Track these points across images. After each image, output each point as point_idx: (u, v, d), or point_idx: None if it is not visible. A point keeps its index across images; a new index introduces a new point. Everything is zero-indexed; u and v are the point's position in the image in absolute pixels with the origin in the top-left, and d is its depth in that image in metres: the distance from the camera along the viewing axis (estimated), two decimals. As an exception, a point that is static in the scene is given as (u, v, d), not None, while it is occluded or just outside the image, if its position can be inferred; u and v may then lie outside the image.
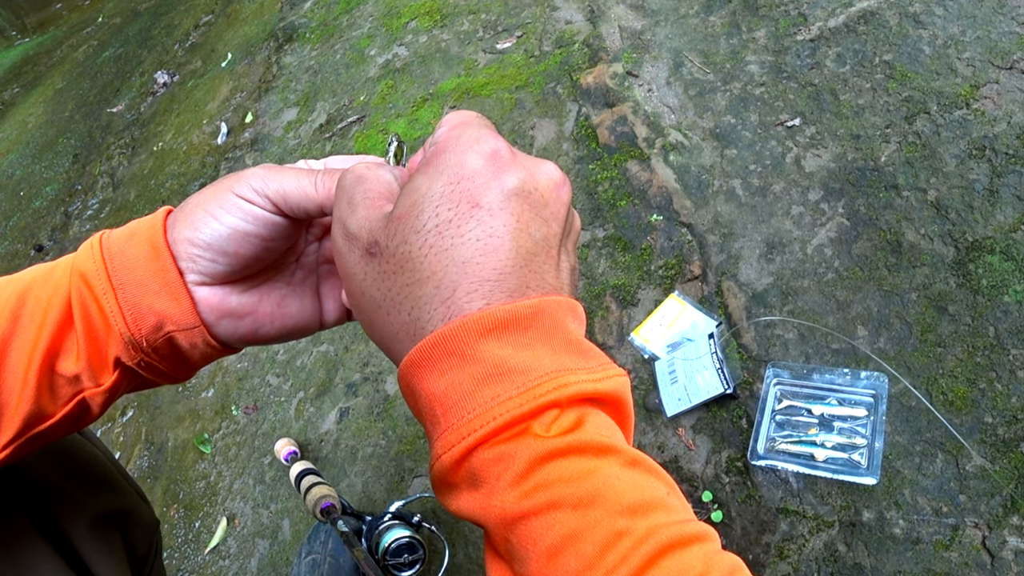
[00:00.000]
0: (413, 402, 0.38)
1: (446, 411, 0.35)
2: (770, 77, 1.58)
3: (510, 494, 0.33)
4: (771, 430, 1.16)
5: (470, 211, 0.37)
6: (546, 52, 1.98)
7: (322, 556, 1.32)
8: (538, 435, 0.34)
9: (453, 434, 0.34)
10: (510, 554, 0.34)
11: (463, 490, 0.35)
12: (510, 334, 0.35)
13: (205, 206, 0.46)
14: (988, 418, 1.08)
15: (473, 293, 0.36)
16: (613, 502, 0.33)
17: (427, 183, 0.38)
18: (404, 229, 0.37)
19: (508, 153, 0.39)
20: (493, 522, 0.34)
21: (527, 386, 0.34)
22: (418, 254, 0.37)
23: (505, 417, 0.34)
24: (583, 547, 0.32)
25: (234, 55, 3.02)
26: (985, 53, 1.40)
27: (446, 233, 0.36)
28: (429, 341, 0.35)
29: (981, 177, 1.27)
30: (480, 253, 0.36)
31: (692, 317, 1.31)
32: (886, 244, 1.27)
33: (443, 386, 0.35)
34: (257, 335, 0.52)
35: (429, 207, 0.37)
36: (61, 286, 0.47)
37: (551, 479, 0.33)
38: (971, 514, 1.02)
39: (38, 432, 0.48)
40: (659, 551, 0.32)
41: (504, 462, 0.33)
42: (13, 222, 3.13)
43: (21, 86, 4.59)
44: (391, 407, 1.55)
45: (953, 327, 1.16)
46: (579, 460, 0.34)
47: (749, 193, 1.44)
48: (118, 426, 1.99)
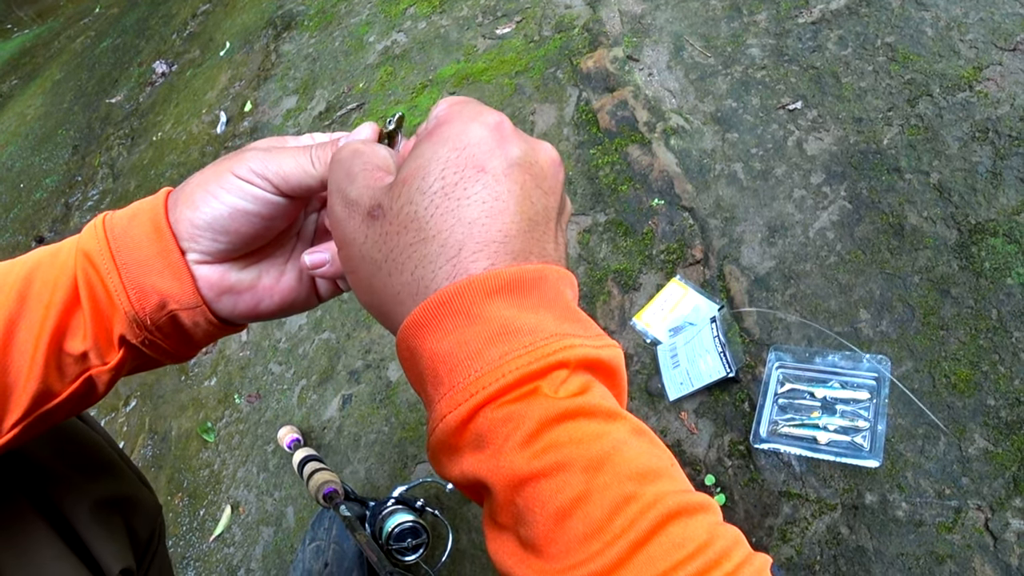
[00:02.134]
0: (413, 365, 0.37)
1: (451, 370, 0.34)
2: (771, 60, 1.57)
3: (520, 455, 0.33)
4: (773, 413, 1.16)
5: (475, 175, 0.37)
6: (546, 37, 1.97)
7: (326, 543, 1.32)
8: (548, 396, 0.33)
9: (460, 392, 0.34)
10: (515, 518, 0.34)
11: (466, 453, 0.35)
12: (515, 296, 0.35)
13: (206, 186, 0.47)
14: (991, 400, 1.07)
15: (478, 253, 0.36)
16: (622, 467, 0.33)
17: (431, 149, 0.38)
18: (409, 190, 0.37)
19: (510, 126, 0.40)
20: (500, 484, 0.33)
21: (535, 345, 0.34)
22: (424, 214, 0.36)
23: (515, 374, 0.33)
24: (591, 510, 0.32)
25: (232, 44, 3.01)
26: (988, 34, 1.39)
27: (452, 195, 0.37)
28: (434, 300, 0.35)
29: (984, 160, 1.26)
30: (486, 215, 0.36)
31: (694, 301, 1.31)
32: (888, 227, 1.27)
33: (448, 345, 0.35)
34: (257, 310, 0.52)
35: (435, 170, 0.37)
36: (67, 266, 0.48)
37: (561, 440, 0.33)
38: (974, 496, 1.02)
39: (45, 411, 0.49)
40: (665, 517, 0.32)
41: (513, 422, 0.33)
42: (14, 214, 3.13)
43: (19, 78, 4.58)
44: (393, 394, 1.55)
45: (956, 310, 1.16)
46: (589, 423, 0.34)
47: (751, 177, 1.43)
48: (122, 415, 2.00)
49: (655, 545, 0.31)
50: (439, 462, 0.37)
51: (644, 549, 0.31)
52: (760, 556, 0.33)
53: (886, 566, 1.02)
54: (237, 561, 1.55)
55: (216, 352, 1.94)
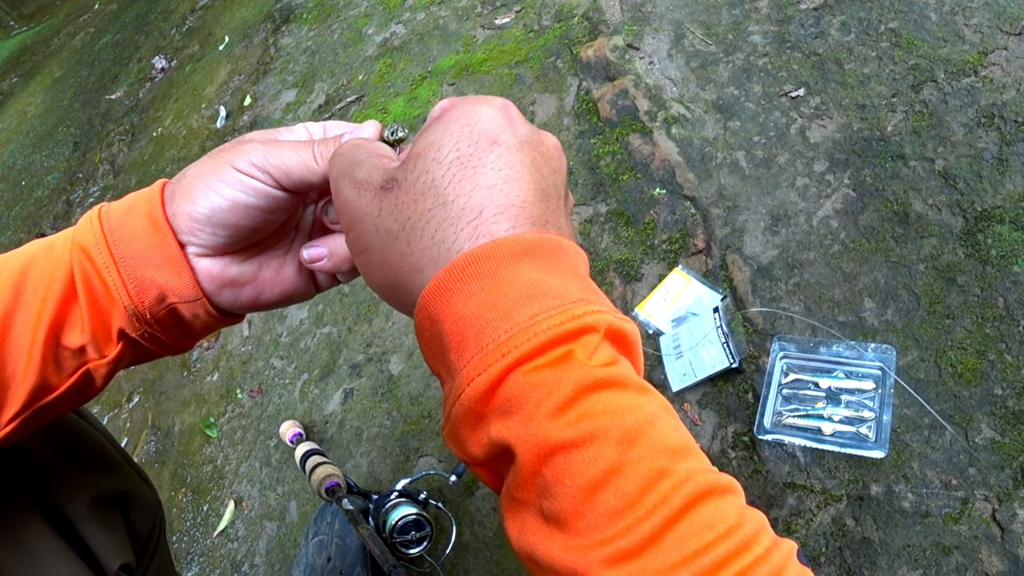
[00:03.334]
0: (433, 334, 0.36)
1: (478, 332, 0.33)
2: (773, 47, 1.55)
3: (552, 423, 0.32)
4: (778, 404, 1.15)
5: (489, 147, 0.38)
6: (545, 26, 1.95)
7: (329, 537, 1.32)
8: (582, 362, 0.32)
9: (490, 354, 0.33)
10: (540, 490, 0.32)
11: (493, 419, 0.33)
12: (540, 260, 0.35)
13: (204, 179, 0.46)
14: (998, 390, 1.06)
15: (499, 216, 0.36)
16: (655, 441, 0.32)
17: (442, 128, 0.39)
18: (424, 162, 0.37)
19: (515, 109, 0.41)
20: (529, 452, 0.32)
21: (564, 307, 0.33)
22: (441, 181, 0.37)
23: (547, 334, 0.32)
24: (624, 484, 0.31)
25: (231, 38, 2.99)
26: (993, 19, 1.37)
27: (468, 163, 0.37)
28: (458, 262, 0.34)
29: (990, 146, 1.25)
30: (503, 181, 0.37)
31: (696, 291, 1.30)
32: (893, 215, 1.25)
33: (475, 307, 0.34)
34: (258, 302, 0.53)
35: (449, 143, 0.38)
36: (62, 260, 0.48)
37: (596, 410, 0.32)
38: (981, 487, 1.01)
39: (43, 405, 0.49)
40: (697, 496, 0.31)
41: (546, 387, 0.32)
42: (15, 212, 3.13)
43: (19, 76, 4.57)
44: (395, 387, 1.55)
45: (962, 298, 1.14)
46: (623, 394, 0.33)
47: (753, 165, 1.42)
48: (124, 412, 2.00)
49: (686, 523, 0.30)
50: (460, 435, 0.35)
51: (675, 527, 0.30)
52: (786, 542, 0.33)
53: (892, 557, 1.01)
54: (241, 556, 1.55)
55: (218, 347, 1.94)
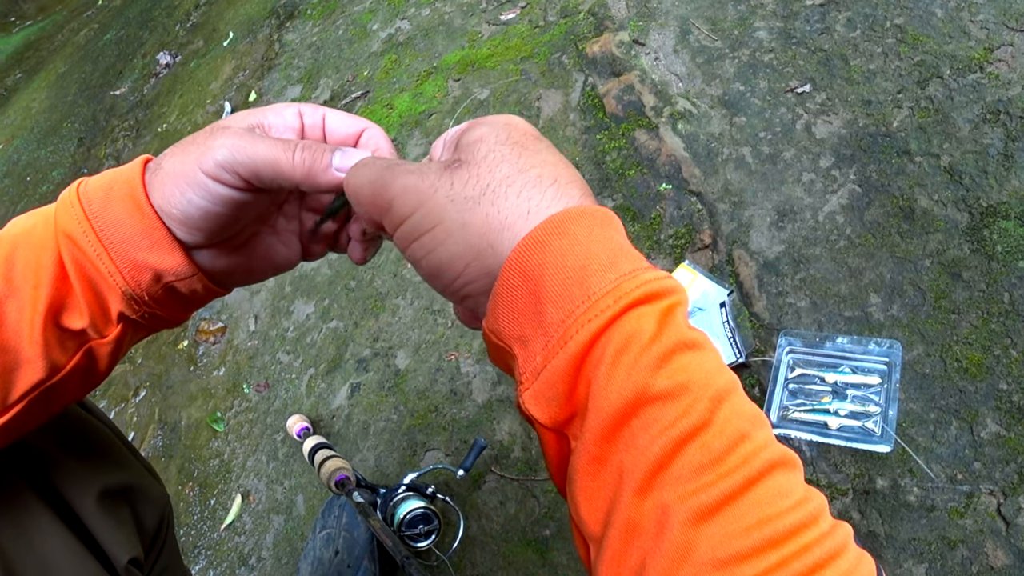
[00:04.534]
0: (524, 290, 0.36)
1: (583, 280, 0.35)
2: (779, 43, 1.55)
3: (654, 372, 0.33)
4: (784, 399, 1.15)
5: (536, 139, 0.41)
6: (551, 22, 1.95)
7: (336, 530, 1.33)
8: (682, 322, 0.35)
9: (601, 300, 0.34)
10: (625, 442, 0.33)
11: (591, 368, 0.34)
12: (616, 229, 0.38)
13: (175, 180, 0.45)
14: (1003, 385, 1.07)
15: (571, 184, 0.39)
16: (740, 405, 0.34)
17: (486, 126, 0.42)
18: (488, 143, 0.40)
19: None
20: (623, 398, 0.33)
21: (652, 267, 0.36)
22: (511, 155, 0.39)
23: (652, 286, 0.34)
24: (712, 441, 0.32)
25: (236, 34, 2.99)
26: (999, 15, 1.37)
27: (527, 146, 0.40)
28: (557, 218, 0.36)
29: (995, 142, 1.25)
30: (559, 161, 0.40)
31: (703, 286, 1.30)
32: (899, 211, 1.26)
33: (577, 259, 0.35)
34: (250, 279, 0.54)
35: (503, 132, 0.41)
36: (47, 247, 0.47)
37: (690, 365, 0.33)
38: (986, 481, 1.02)
39: (51, 385, 0.49)
40: (774, 463, 0.32)
41: (647, 335, 0.33)
42: (20, 207, 3.14)
43: (24, 72, 4.57)
44: (402, 381, 1.55)
45: (967, 294, 1.15)
46: (712, 355, 0.35)
47: (759, 161, 1.42)
48: (131, 406, 2.01)
49: (763, 488, 0.31)
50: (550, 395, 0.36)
51: (753, 490, 0.31)
52: (846, 524, 0.34)
53: (898, 551, 1.02)
54: (248, 550, 1.56)
55: (224, 342, 1.94)
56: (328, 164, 0.45)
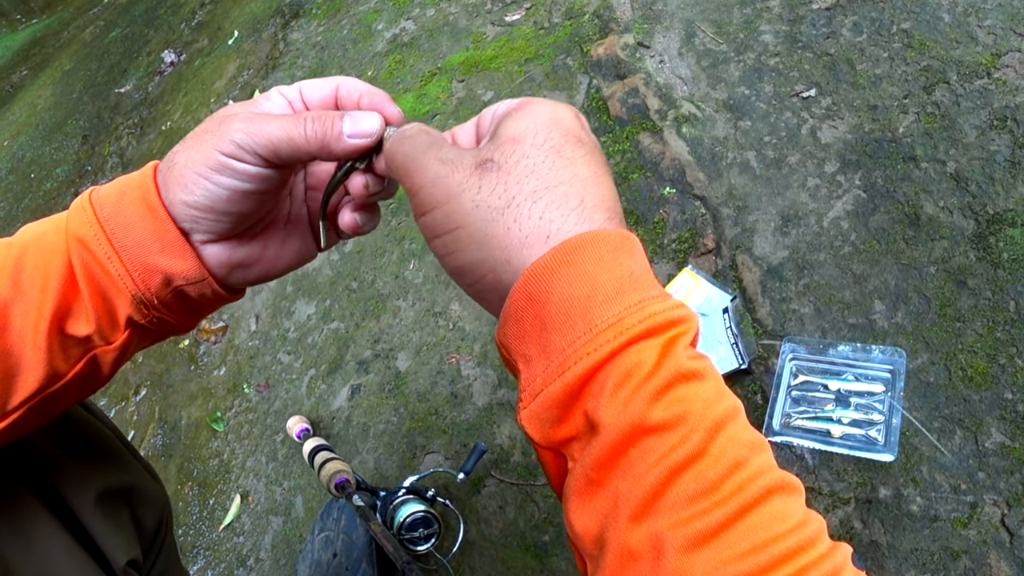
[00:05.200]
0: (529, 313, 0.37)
1: (587, 312, 0.35)
2: (785, 47, 1.54)
3: (650, 404, 0.33)
4: (787, 406, 1.15)
5: (576, 143, 0.40)
6: (555, 24, 1.95)
7: (335, 533, 1.32)
8: (681, 353, 0.35)
9: (602, 334, 0.34)
10: (621, 469, 0.34)
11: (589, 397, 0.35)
12: (634, 254, 0.37)
13: (195, 167, 0.45)
14: (1008, 394, 1.06)
15: (597, 207, 0.38)
16: (737, 433, 0.34)
17: (531, 116, 0.40)
18: (524, 146, 0.39)
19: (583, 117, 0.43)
20: (620, 429, 0.33)
21: (664, 296, 0.36)
22: (543, 166, 0.38)
23: (657, 319, 0.34)
24: (706, 470, 0.32)
25: (240, 32, 3.00)
26: (1007, 20, 1.36)
27: (564, 153, 0.39)
28: (570, 243, 0.36)
29: (1002, 148, 1.24)
30: (594, 175, 0.39)
31: (706, 291, 1.30)
32: (904, 217, 1.25)
33: (584, 289, 0.35)
34: (266, 276, 0.54)
35: (543, 131, 0.40)
36: (58, 251, 0.47)
37: (688, 396, 0.34)
38: (990, 491, 1.01)
39: (52, 392, 0.49)
40: (771, 489, 0.33)
41: (646, 368, 0.34)
42: (24, 204, 3.14)
43: (29, 68, 4.58)
44: (402, 384, 1.55)
45: (973, 301, 1.14)
46: (711, 385, 0.35)
47: (764, 165, 1.41)
48: (131, 405, 2.00)
49: (758, 514, 0.32)
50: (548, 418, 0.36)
51: (748, 516, 0.32)
52: (844, 545, 0.34)
53: (900, 561, 1.01)
54: (246, 551, 1.56)
55: (225, 342, 1.94)
56: (340, 132, 0.45)
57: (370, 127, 0.46)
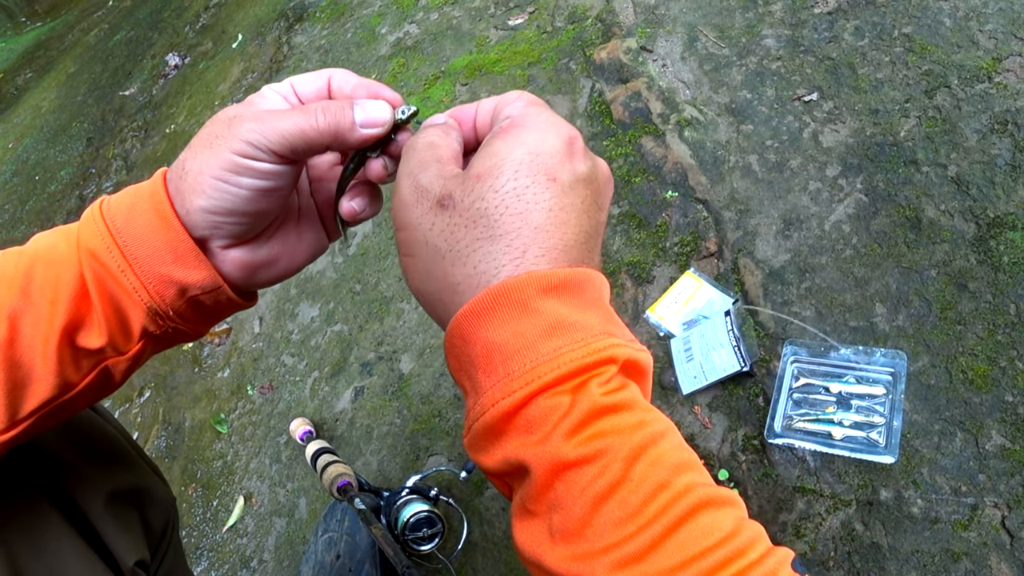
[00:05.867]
0: (462, 353, 0.39)
1: (506, 359, 0.36)
2: (787, 51, 1.55)
3: (566, 442, 0.35)
4: (788, 408, 1.15)
5: (546, 183, 0.39)
6: (558, 28, 1.96)
7: (339, 534, 1.33)
8: (595, 390, 0.36)
9: (516, 380, 0.36)
10: (551, 503, 0.35)
11: (512, 437, 0.37)
12: (568, 294, 0.38)
13: (211, 172, 0.45)
14: (1009, 397, 1.06)
15: (541, 257, 0.38)
16: (658, 457, 0.35)
17: (507, 149, 0.40)
18: (482, 187, 0.39)
19: (582, 142, 0.42)
20: (543, 467, 0.35)
21: (587, 340, 0.36)
22: (494, 212, 0.38)
23: (568, 367, 0.35)
24: (628, 496, 0.34)
25: (245, 36, 3.01)
26: (1008, 25, 1.37)
27: (523, 197, 0.39)
28: (494, 290, 0.37)
29: (1003, 152, 1.25)
30: (552, 223, 0.39)
31: (708, 294, 1.30)
32: (905, 220, 1.25)
33: (504, 335, 0.37)
34: (288, 273, 0.54)
35: (508, 170, 0.39)
36: (69, 262, 0.47)
37: (605, 430, 0.35)
38: (991, 493, 1.01)
39: (63, 402, 0.49)
40: (696, 506, 0.34)
41: (562, 410, 0.35)
42: (29, 206, 3.15)
43: (34, 71, 4.60)
44: (406, 386, 1.55)
45: (974, 304, 1.14)
46: (630, 415, 0.36)
47: (766, 169, 1.42)
48: (136, 407, 2.01)
49: (685, 531, 0.33)
50: (481, 448, 0.39)
51: (675, 534, 0.33)
52: (782, 549, 0.35)
53: (901, 563, 1.02)
54: (250, 552, 1.56)
55: (229, 344, 1.95)
56: (352, 121, 0.46)
57: (381, 115, 0.47)
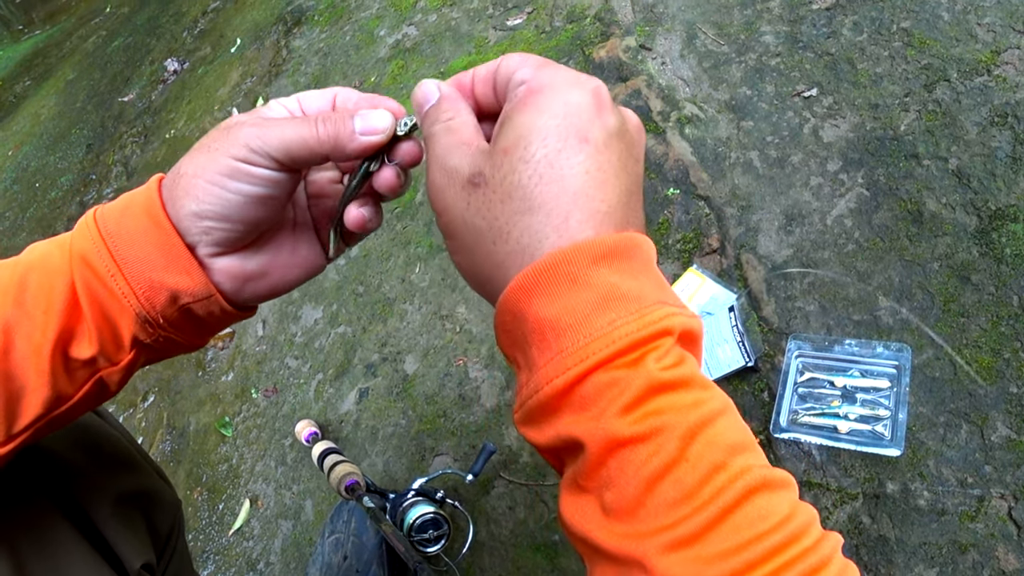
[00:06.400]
0: (515, 329, 0.38)
1: (559, 335, 0.35)
2: (786, 47, 1.56)
3: (621, 419, 0.34)
4: (793, 403, 1.15)
5: (579, 144, 0.37)
6: (557, 27, 1.96)
7: (345, 535, 1.33)
8: (652, 366, 0.34)
9: (570, 356, 0.35)
10: (604, 481, 0.35)
11: (566, 414, 0.36)
12: (619, 262, 0.36)
13: (205, 175, 0.44)
14: (1013, 388, 1.06)
15: (585, 223, 0.36)
16: (715, 437, 0.34)
17: (531, 118, 0.38)
18: (512, 160, 0.37)
19: (606, 93, 0.40)
20: (597, 445, 0.34)
21: (641, 311, 0.35)
22: (528, 183, 0.37)
23: (624, 341, 0.34)
24: (683, 476, 0.33)
25: (243, 40, 3.01)
26: (1006, 18, 1.37)
27: (556, 163, 0.37)
28: (541, 264, 0.36)
29: (1003, 144, 1.25)
30: (590, 186, 0.37)
31: (711, 291, 1.31)
32: (907, 214, 1.26)
33: (556, 310, 0.35)
34: (279, 288, 0.52)
35: (537, 139, 0.37)
36: (61, 271, 0.46)
37: (662, 408, 0.34)
38: (997, 485, 1.02)
39: (58, 414, 0.48)
40: (752, 489, 0.33)
41: (618, 387, 0.34)
42: (30, 213, 3.16)
43: (32, 79, 4.60)
44: (410, 387, 1.56)
45: (976, 297, 1.14)
46: (688, 393, 0.35)
47: (767, 165, 1.42)
48: (140, 411, 2.01)
49: (741, 514, 0.32)
50: (533, 424, 0.38)
51: (730, 517, 0.32)
52: (833, 535, 0.34)
53: (908, 555, 1.02)
54: (256, 555, 1.57)
55: (233, 347, 1.95)
56: (352, 131, 0.45)
57: (381, 123, 0.46)
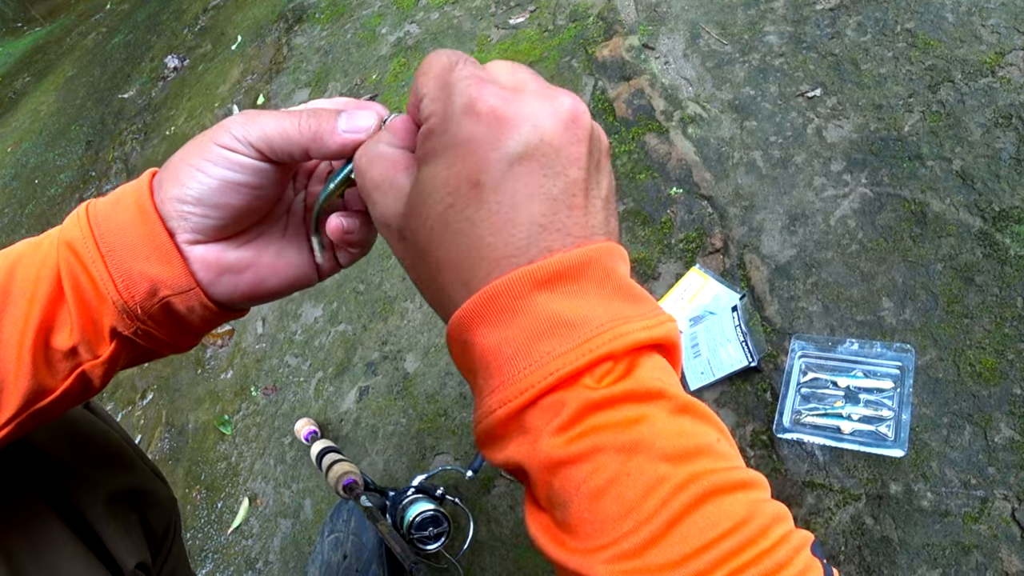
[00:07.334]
0: (465, 354, 0.38)
1: (500, 366, 0.35)
2: (789, 47, 1.55)
3: (556, 439, 0.34)
4: (796, 403, 1.15)
5: (470, 192, 0.35)
6: (560, 26, 1.96)
7: (345, 534, 1.33)
8: (588, 386, 0.34)
9: (509, 389, 0.34)
10: (551, 501, 0.34)
11: (511, 439, 0.36)
12: (562, 285, 0.35)
13: (189, 160, 0.45)
14: (1017, 389, 1.06)
15: (491, 271, 0.35)
16: (656, 448, 0.33)
17: (426, 171, 0.37)
18: (413, 224, 0.38)
19: (503, 101, 0.36)
20: (537, 467, 0.34)
21: (582, 339, 0.34)
22: (428, 247, 0.37)
23: (561, 373, 0.33)
24: (624, 491, 0.32)
25: (244, 37, 3.01)
26: (1010, 19, 1.37)
27: (451, 220, 0.36)
28: (480, 297, 0.35)
29: (1007, 146, 1.25)
30: (490, 233, 0.35)
31: (714, 290, 1.30)
32: (910, 215, 1.25)
33: (495, 340, 0.35)
34: (259, 290, 0.51)
35: (431, 197, 0.36)
36: (49, 257, 0.46)
37: (598, 425, 0.33)
38: (1000, 486, 1.01)
39: (40, 408, 0.48)
40: (700, 497, 0.32)
41: (553, 410, 0.34)
42: (29, 210, 3.15)
43: (32, 75, 4.59)
44: (411, 385, 1.55)
45: (980, 298, 1.14)
46: (626, 408, 0.34)
47: (770, 165, 1.42)
48: (138, 409, 2.01)
49: (689, 523, 0.32)
50: (486, 446, 0.38)
51: (677, 528, 0.32)
52: (800, 533, 0.33)
53: (911, 557, 1.01)
54: (255, 553, 1.56)
55: (232, 345, 1.95)
56: (335, 127, 0.45)
57: (365, 123, 0.45)
